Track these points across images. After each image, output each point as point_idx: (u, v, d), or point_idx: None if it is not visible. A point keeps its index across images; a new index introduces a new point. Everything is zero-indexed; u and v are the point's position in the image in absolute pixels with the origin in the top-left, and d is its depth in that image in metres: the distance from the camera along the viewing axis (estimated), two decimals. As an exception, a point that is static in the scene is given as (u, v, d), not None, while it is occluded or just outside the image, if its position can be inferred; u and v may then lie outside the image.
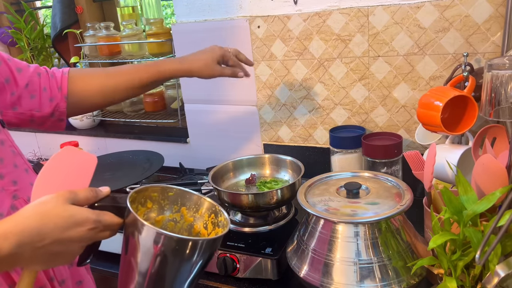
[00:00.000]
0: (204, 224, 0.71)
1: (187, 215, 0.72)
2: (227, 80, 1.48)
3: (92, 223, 0.58)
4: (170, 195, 0.71)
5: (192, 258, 0.61)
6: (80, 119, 1.89)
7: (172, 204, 0.71)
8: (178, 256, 0.59)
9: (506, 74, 0.81)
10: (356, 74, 1.28)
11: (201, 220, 0.71)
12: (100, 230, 0.59)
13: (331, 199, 0.90)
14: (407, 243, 0.84)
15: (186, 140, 1.67)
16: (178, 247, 0.58)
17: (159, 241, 0.57)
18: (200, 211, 0.72)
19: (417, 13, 1.14)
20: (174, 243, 0.58)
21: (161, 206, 0.70)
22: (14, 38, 1.85)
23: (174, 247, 0.58)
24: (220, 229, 0.68)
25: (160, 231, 0.57)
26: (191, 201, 0.72)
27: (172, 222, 0.71)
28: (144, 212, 0.68)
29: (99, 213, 0.59)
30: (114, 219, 0.61)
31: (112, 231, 0.62)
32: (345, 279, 0.80)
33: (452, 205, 0.72)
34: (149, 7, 1.80)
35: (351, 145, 1.23)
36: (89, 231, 0.58)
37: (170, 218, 0.71)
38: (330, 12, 1.25)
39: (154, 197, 0.69)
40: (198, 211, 0.72)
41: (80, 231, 0.57)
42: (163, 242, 0.57)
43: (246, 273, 0.99)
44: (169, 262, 0.59)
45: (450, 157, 1.00)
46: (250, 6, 1.36)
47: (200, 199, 0.72)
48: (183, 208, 0.72)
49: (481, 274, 0.71)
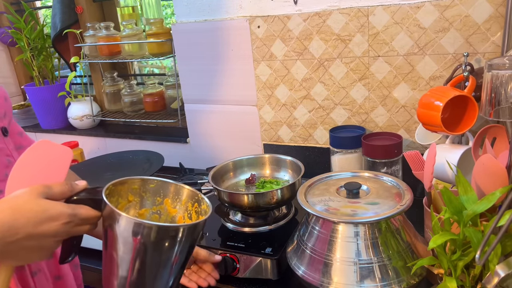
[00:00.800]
0: (188, 215, 0.70)
1: (170, 206, 0.70)
2: (227, 80, 1.49)
3: (66, 217, 0.56)
4: (151, 187, 0.69)
5: (174, 246, 0.59)
6: (80, 119, 1.89)
7: (154, 196, 0.69)
8: (159, 245, 0.57)
9: (506, 74, 0.81)
10: (356, 74, 1.28)
11: (185, 210, 0.70)
12: (76, 224, 0.58)
13: (331, 199, 0.90)
14: (407, 243, 0.84)
15: (186, 140, 1.67)
16: (158, 236, 0.57)
17: (138, 231, 0.56)
18: (183, 200, 0.70)
19: (417, 13, 1.14)
20: (154, 232, 0.56)
21: (143, 199, 0.68)
22: (14, 38, 1.85)
23: (154, 236, 0.56)
24: (203, 216, 0.66)
25: (138, 220, 0.56)
26: (172, 191, 0.70)
27: (156, 215, 0.70)
28: (125, 205, 0.66)
29: (74, 206, 0.58)
30: (90, 212, 0.59)
31: (91, 225, 0.61)
32: (345, 279, 0.80)
33: (452, 205, 0.72)
34: (149, 7, 1.80)
35: (351, 145, 1.23)
36: (64, 225, 0.56)
37: (154, 211, 0.69)
38: (330, 12, 1.25)
39: (135, 190, 0.68)
40: (181, 200, 0.70)
41: (54, 225, 0.55)
42: (143, 232, 0.56)
43: (246, 273, 0.99)
44: (151, 252, 0.57)
45: (450, 157, 1.00)
46: (250, 6, 1.36)
47: (181, 188, 0.70)
48: (166, 200, 0.70)
49: (481, 274, 0.71)
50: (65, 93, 1.88)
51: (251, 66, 1.42)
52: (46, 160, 0.64)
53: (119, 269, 0.59)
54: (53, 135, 2.00)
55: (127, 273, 0.59)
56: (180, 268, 0.63)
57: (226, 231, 1.09)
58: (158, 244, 0.57)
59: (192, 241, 0.62)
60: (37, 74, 1.90)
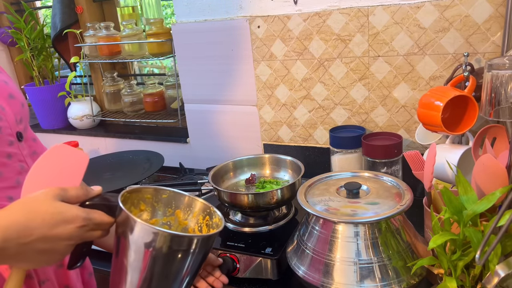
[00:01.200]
0: (199, 227, 0.70)
1: (181, 217, 0.70)
2: (227, 80, 1.48)
3: (81, 220, 0.56)
4: (163, 197, 0.69)
5: (187, 257, 0.59)
6: (80, 119, 1.89)
7: (166, 207, 0.69)
8: (172, 254, 0.57)
9: (506, 74, 0.81)
10: (356, 74, 1.28)
11: (195, 222, 0.70)
12: (90, 228, 0.58)
13: (331, 199, 0.90)
14: (407, 243, 0.84)
15: (186, 140, 1.67)
16: (172, 245, 0.57)
17: (153, 238, 0.56)
18: (195, 213, 0.70)
19: (417, 13, 1.14)
20: (168, 241, 0.56)
21: (154, 209, 0.68)
22: (14, 38, 1.85)
23: (168, 244, 0.56)
24: (214, 230, 0.67)
25: (154, 227, 0.56)
26: (185, 203, 0.70)
27: (166, 226, 0.69)
28: (137, 214, 0.67)
29: (89, 211, 0.58)
30: (104, 218, 0.59)
31: (103, 231, 0.61)
32: (345, 279, 0.80)
33: (452, 205, 0.72)
34: (149, 7, 1.80)
35: (351, 145, 1.23)
36: (78, 229, 0.56)
37: (164, 222, 0.69)
38: (330, 12, 1.25)
39: (148, 199, 0.68)
40: (192, 213, 0.70)
41: (68, 228, 0.55)
42: (157, 240, 0.56)
43: (246, 273, 0.99)
44: (163, 261, 0.57)
45: (450, 157, 1.00)
46: (250, 6, 1.36)
47: (193, 200, 0.70)
48: (178, 211, 0.70)
49: (481, 274, 0.71)
50: (65, 93, 1.88)
51: (251, 66, 1.42)
52: (63, 164, 0.64)
53: (128, 277, 0.59)
54: (53, 135, 2.00)
55: (137, 282, 0.58)
56: (190, 279, 0.63)
57: (226, 231, 1.09)
58: (172, 253, 0.57)
59: (205, 252, 0.62)
60: (37, 74, 1.90)
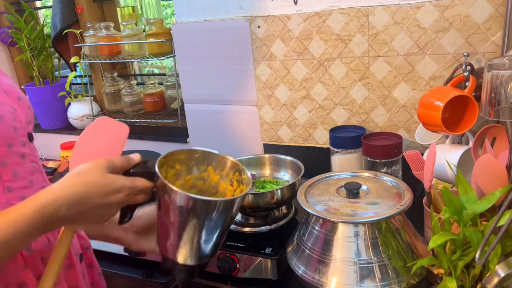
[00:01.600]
0: (230, 182, 0.76)
1: (213, 174, 0.77)
2: (227, 80, 1.48)
3: (128, 189, 0.65)
4: (196, 157, 0.76)
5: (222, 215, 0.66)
6: (80, 119, 1.89)
7: (199, 165, 0.76)
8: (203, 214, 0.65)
9: (506, 74, 0.81)
10: (356, 74, 1.28)
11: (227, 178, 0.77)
12: (135, 194, 0.66)
13: (331, 199, 0.90)
14: (407, 243, 0.84)
15: (186, 140, 1.67)
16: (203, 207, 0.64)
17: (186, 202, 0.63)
18: (225, 169, 0.77)
19: (417, 13, 1.14)
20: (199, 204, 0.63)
21: (189, 167, 0.75)
22: (14, 38, 1.85)
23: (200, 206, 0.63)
24: (244, 186, 0.73)
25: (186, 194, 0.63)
26: (216, 160, 0.77)
27: (200, 181, 0.76)
28: (174, 173, 0.74)
29: (133, 179, 0.66)
30: (145, 184, 0.67)
31: (146, 194, 0.68)
32: (345, 279, 0.80)
33: (452, 205, 0.72)
34: (149, 7, 1.80)
35: (351, 145, 1.23)
36: (126, 196, 0.64)
37: (198, 177, 0.76)
38: (330, 12, 1.25)
39: (182, 159, 0.74)
40: (223, 170, 0.77)
41: (118, 197, 0.64)
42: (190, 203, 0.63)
43: (246, 273, 0.99)
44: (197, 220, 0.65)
45: (450, 157, 1.00)
46: (250, 6, 1.36)
47: (223, 158, 0.77)
48: (209, 168, 0.76)
49: (481, 274, 0.71)
50: (65, 93, 1.88)
51: (251, 66, 1.42)
52: (106, 135, 0.72)
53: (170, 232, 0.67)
54: (53, 135, 2.00)
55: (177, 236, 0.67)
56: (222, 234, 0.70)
57: (226, 231, 1.09)
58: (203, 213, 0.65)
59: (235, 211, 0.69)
60: (37, 74, 1.90)
